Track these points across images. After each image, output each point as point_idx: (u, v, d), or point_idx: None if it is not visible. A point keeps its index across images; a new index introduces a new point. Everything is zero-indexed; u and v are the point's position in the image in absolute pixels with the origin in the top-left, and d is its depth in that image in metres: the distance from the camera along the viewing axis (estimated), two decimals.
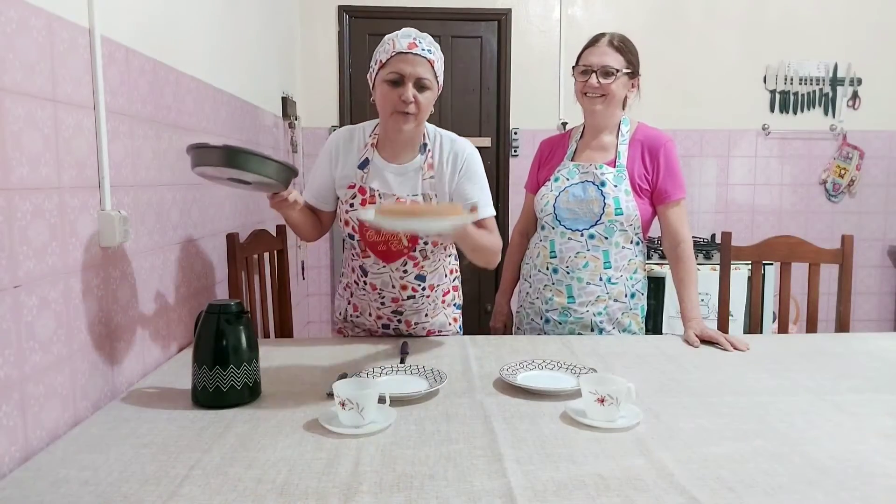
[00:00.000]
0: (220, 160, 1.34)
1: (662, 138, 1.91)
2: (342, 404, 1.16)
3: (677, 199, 1.90)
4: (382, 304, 1.77)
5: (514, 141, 3.81)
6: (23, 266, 1.09)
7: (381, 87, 1.58)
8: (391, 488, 0.95)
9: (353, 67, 3.74)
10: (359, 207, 1.64)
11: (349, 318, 1.88)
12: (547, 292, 1.95)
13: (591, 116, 1.94)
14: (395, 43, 1.55)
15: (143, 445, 1.10)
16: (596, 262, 1.89)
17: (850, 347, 1.74)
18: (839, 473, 1.00)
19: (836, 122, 3.89)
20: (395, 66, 1.54)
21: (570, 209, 1.90)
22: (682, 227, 1.91)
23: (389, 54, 1.55)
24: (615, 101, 1.87)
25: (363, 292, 1.78)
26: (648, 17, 3.81)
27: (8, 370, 1.05)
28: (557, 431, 1.17)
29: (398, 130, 1.60)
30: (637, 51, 1.91)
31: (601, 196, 1.86)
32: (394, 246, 1.66)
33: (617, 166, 1.89)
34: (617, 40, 1.88)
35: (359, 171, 1.67)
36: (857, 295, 3.95)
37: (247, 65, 2.53)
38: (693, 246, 1.93)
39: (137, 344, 1.50)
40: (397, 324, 1.82)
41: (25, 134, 1.10)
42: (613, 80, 1.84)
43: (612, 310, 1.91)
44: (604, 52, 1.87)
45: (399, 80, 1.55)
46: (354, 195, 1.66)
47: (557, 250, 1.92)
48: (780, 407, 1.28)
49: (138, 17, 1.54)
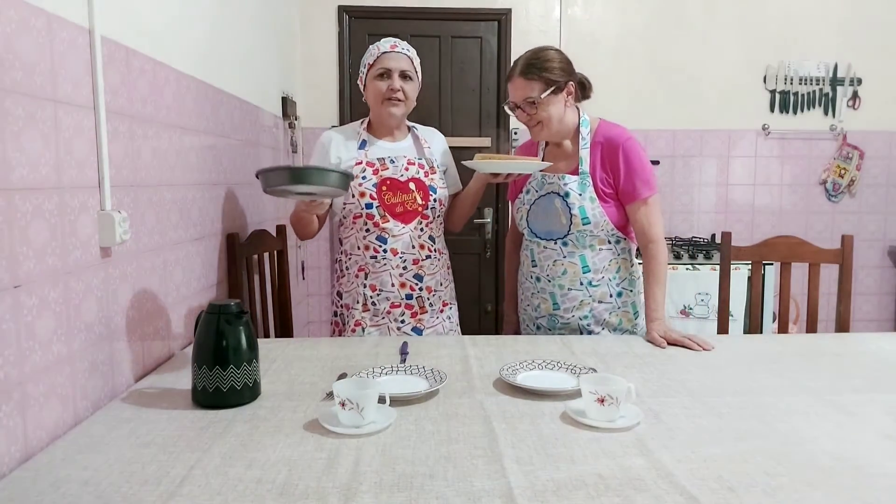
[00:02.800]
0: (290, 179, 1.59)
1: (620, 138, 1.85)
2: (342, 404, 1.16)
3: (643, 198, 1.83)
4: (405, 268, 1.92)
5: (514, 141, 3.81)
6: (23, 266, 1.09)
7: (371, 83, 1.93)
8: (391, 488, 0.95)
9: (353, 67, 3.74)
10: (371, 177, 1.89)
11: (369, 302, 1.91)
12: (534, 300, 1.96)
13: (541, 139, 1.95)
14: (380, 47, 1.91)
15: (143, 445, 1.10)
16: (574, 267, 1.88)
17: (850, 347, 1.74)
18: (839, 473, 1.00)
19: (836, 122, 3.89)
20: (381, 63, 1.89)
21: (539, 222, 1.91)
22: (650, 226, 1.84)
23: (375, 56, 1.91)
24: (553, 121, 1.84)
25: (383, 263, 1.90)
26: (648, 17, 3.81)
27: (8, 370, 1.05)
28: (557, 431, 1.17)
29: (389, 115, 1.91)
30: (560, 59, 1.85)
31: (567, 207, 1.85)
32: (409, 206, 1.91)
33: (580, 174, 1.86)
34: (523, 66, 1.83)
35: (360, 150, 1.95)
36: (857, 295, 3.95)
37: (247, 65, 2.53)
38: (665, 245, 1.87)
39: (137, 344, 1.50)
40: (419, 291, 1.94)
41: (25, 134, 1.10)
42: (538, 107, 1.82)
43: (598, 311, 1.91)
44: (517, 85, 1.84)
45: (386, 74, 1.89)
46: (364, 168, 1.91)
47: (536, 259, 1.94)
48: (780, 407, 1.28)
49: (138, 17, 1.54)
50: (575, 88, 1.88)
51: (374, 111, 1.97)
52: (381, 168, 1.91)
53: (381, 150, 1.96)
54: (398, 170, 1.91)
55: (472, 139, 3.81)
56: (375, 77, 1.91)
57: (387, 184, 1.89)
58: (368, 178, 1.89)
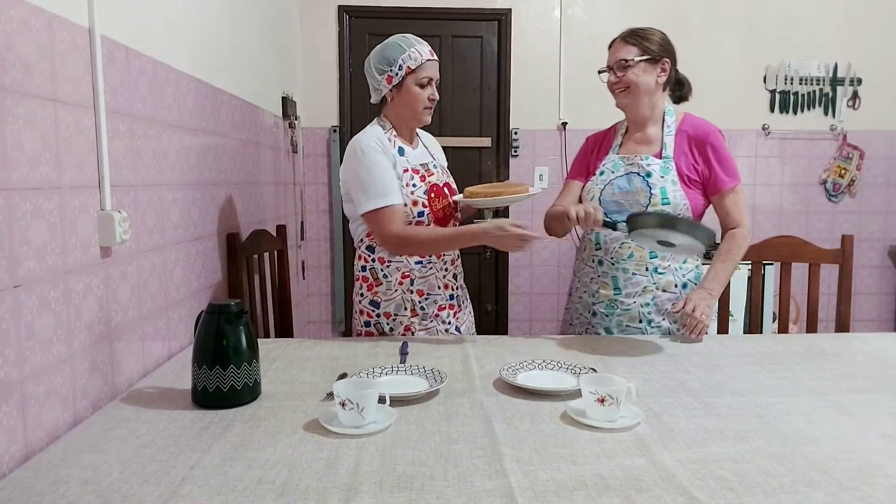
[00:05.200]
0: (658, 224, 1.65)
1: (709, 128, 1.91)
2: (342, 404, 1.16)
3: (731, 187, 1.88)
4: (446, 270, 1.93)
5: (515, 141, 3.81)
6: (23, 266, 1.09)
7: (411, 88, 1.85)
8: (391, 488, 0.95)
9: (353, 67, 3.74)
10: (420, 184, 1.86)
11: (417, 308, 1.88)
12: (593, 285, 1.96)
13: (626, 111, 1.96)
14: (420, 52, 1.84)
15: (143, 445, 1.10)
16: (641, 251, 1.88)
17: (850, 347, 1.74)
18: (839, 473, 1.00)
19: (837, 122, 3.89)
20: (426, 71, 1.84)
21: (615, 201, 1.90)
22: (737, 213, 1.89)
23: (419, 62, 1.83)
24: (639, 89, 1.87)
25: (429, 268, 1.89)
26: (649, 18, 3.78)
27: (8, 370, 1.05)
28: (557, 431, 1.17)
29: (425, 122, 1.91)
30: (661, 37, 1.92)
31: (647, 186, 1.87)
32: (448, 210, 1.93)
33: (663, 157, 1.89)
34: (628, 34, 1.92)
35: (401, 157, 1.88)
36: (857, 295, 3.95)
37: (247, 65, 2.53)
38: (749, 234, 1.91)
39: (137, 344, 1.50)
40: (457, 290, 1.98)
41: (25, 134, 1.10)
42: (629, 70, 1.86)
43: (661, 300, 1.89)
44: (616, 48, 1.92)
45: (429, 82, 1.86)
46: (412, 176, 1.86)
47: (602, 241, 1.93)
48: (781, 407, 1.28)
49: (138, 17, 1.54)
50: (670, 69, 1.92)
51: (407, 115, 1.88)
52: (426, 174, 1.89)
53: (416, 156, 1.92)
54: (438, 175, 1.93)
55: (473, 139, 3.81)
56: (417, 83, 1.83)
57: (434, 190, 1.88)
58: (418, 185, 1.85)
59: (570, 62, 3.76)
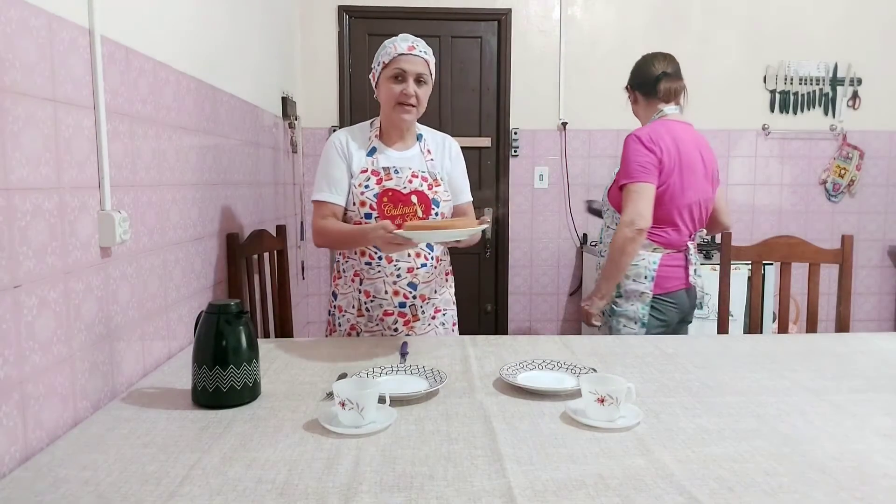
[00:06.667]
0: None
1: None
2: (342, 404, 1.16)
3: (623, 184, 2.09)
4: (399, 276, 1.86)
5: (515, 141, 3.81)
6: (23, 266, 1.09)
7: (385, 84, 1.82)
8: (391, 488, 0.95)
9: (353, 67, 3.74)
10: (374, 187, 1.82)
11: (363, 308, 1.88)
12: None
13: None
14: (397, 46, 1.79)
15: (143, 445, 1.10)
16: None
17: (850, 347, 1.74)
18: (839, 473, 1.00)
19: (836, 122, 3.89)
20: (398, 64, 1.78)
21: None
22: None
23: (392, 56, 1.79)
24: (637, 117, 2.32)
25: (377, 270, 1.85)
26: (648, 17, 3.80)
27: (8, 370, 1.05)
28: (557, 431, 1.17)
29: (401, 120, 1.83)
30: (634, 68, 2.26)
31: None
32: (409, 218, 1.83)
33: None
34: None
35: (368, 157, 1.87)
36: (857, 295, 3.95)
37: (247, 65, 2.53)
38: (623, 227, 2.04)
39: (137, 344, 1.50)
40: (412, 299, 1.88)
41: (25, 134, 1.10)
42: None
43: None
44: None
45: (401, 76, 1.79)
46: (368, 177, 1.84)
47: None
48: (780, 407, 1.29)
49: (138, 17, 1.54)
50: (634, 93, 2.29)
51: (385, 113, 1.87)
52: (384, 178, 1.83)
53: (388, 158, 1.87)
54: (402, 181, 1.83)
55: (473, 139, 3.81)
56: (389, 78, 1.80)
57: (388, 195, 1.82)
58: (371, 187, 1.81)
59: (570, 62, 3.76)
